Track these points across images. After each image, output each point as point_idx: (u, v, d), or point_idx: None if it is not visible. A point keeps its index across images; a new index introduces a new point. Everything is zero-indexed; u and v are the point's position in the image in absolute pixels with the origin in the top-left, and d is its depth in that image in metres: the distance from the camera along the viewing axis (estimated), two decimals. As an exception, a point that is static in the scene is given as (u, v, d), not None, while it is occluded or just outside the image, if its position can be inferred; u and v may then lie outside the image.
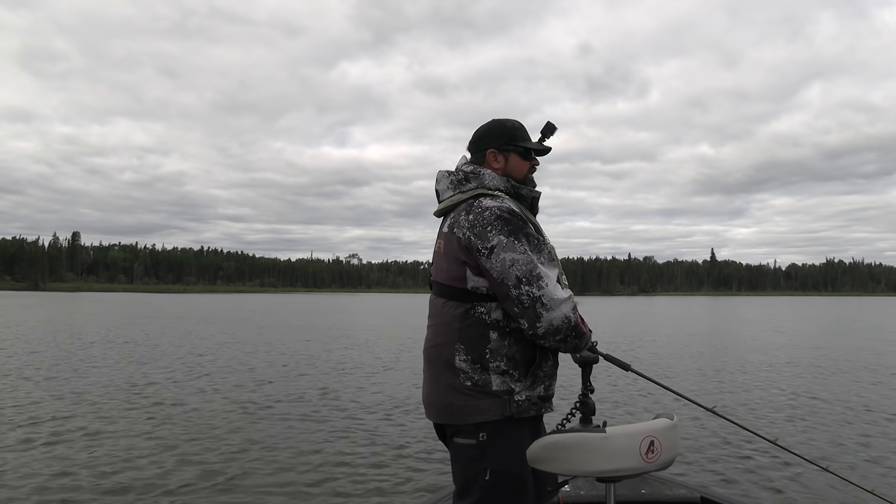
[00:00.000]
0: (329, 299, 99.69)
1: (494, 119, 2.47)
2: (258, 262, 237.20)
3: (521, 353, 2.21)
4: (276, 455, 6.60)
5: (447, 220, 2.36)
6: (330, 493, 5.49)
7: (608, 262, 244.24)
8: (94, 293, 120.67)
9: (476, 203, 2.25)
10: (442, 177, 2.43)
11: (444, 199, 2.40)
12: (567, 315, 2.14)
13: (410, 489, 5.61)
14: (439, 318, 2.31)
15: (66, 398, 9.54)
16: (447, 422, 2.27)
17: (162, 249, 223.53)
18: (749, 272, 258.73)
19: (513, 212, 2.21)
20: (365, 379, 11.99)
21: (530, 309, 2.11)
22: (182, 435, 7.33)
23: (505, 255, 2.14)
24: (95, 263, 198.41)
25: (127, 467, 6.03)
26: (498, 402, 2.18)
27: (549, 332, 2.13)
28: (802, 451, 4.62)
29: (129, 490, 5.40)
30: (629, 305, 75.10)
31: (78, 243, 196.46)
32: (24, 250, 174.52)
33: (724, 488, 5.47)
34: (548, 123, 2.46)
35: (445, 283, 2.29)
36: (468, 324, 2.21)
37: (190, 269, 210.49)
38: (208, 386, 10.93)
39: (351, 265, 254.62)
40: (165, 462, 6.24)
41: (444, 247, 2.31)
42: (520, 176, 2.41)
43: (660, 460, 2.09)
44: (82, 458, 6.29)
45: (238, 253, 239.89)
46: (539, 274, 2.13)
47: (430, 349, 2.34)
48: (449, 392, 2.23)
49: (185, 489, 5.46)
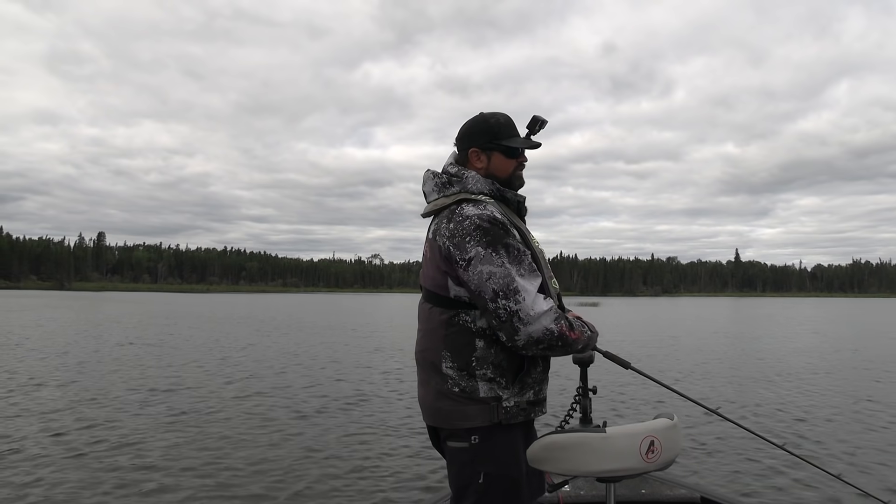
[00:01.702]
0: (354, 299, 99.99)
1: (480, 113, 2.36)
2: (281, 263, 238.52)
3: (508, 360, 2.17)
4: (282, 452, 6.69)
5: (432, 224, 2.32)
6: (325, 494, 5.52)
7: (631, 263, 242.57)
8: (118, 293, 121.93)
9: (458, 210, 2.19)
10: (428, 178, 2.37)
11: (429, 201, 2.36)
12: (547, 327, 2.06)
13: (409, 488, 5.65)
14: (427, 323, 2.28)
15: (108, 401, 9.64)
16: (438, 425, 2.26)
17: (186, 249, 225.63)
18: (774, 273, 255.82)
19: (493, 220, 2.13)
20: (392, 381, 12.01)
21: (507, 323, 2.06)
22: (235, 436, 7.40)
23: (482, 267, 2.08)
24: (120, 263, 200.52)
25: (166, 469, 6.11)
26: (486, 408, 2.15)
27: (529, 343, 2.08)
28: (817, 461, 4.58)
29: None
30: (652, 306, 74.56)
31: (103, 243, 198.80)
32: (49, 250, 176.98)
33: (724, 488, 5.42)
34: (534, 117, 2.33)
35: (430, 290, 2.27)
36: (454, 331, 2.19)
37: (213, 269, 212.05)
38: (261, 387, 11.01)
39: (373, 265, 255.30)
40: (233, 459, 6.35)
41: (429, 253, 2.28)
42: (504, 175, 2.33)
43: (660, 460, 2.10)
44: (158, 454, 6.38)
45: (261, 253, 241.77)
46: (516, 288, 2.06)
47: (418, 353, 2.32)
48: (438, 397, 2.21)
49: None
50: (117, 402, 9.26)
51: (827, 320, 40.47)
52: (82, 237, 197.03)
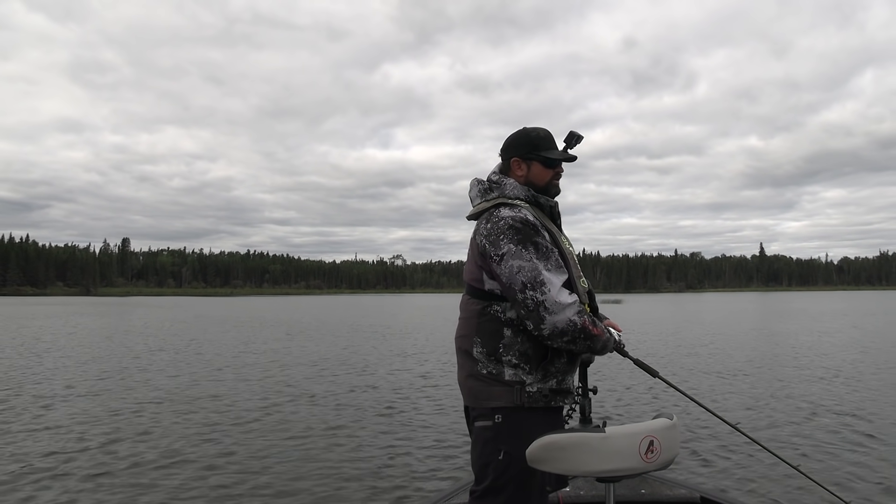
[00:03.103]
0: (378, 300, 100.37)
1: (524, 127, 2.64)
2: (303, 265, 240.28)
3: (532, 349, 2.37)
4: (306, 443, 6.77)
5: (475, 226, 2.58)
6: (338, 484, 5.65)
7: (654, 259, 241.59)
8: (143, 297, 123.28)
9: (495, 212, 2.44)
10: (473, 185, 2.64)
11: (474, 205, 2.62)
12: (570, 318, 2.26)
13: (434, 477, 5.78)
14: (464, 312, 2.53)
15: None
16: (469, 403, 2.49)
17: (209, 253, 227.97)
18: (800, 267, 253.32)
19: (525, 221, 2.37)
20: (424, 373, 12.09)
21: (534, 312, 2.27)
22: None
23: (513, 262, 2.31)
24: (145, 268, 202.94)
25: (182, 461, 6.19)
26: (510, 390, 2.35)
27: (553, 333, 2.27)
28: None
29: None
30: (678, 302, 74.07)
31: (128, 249, 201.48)
32: (75, 257, 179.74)
33: (724, 488, 5.37)
34: (571, 132, 2.58)
35: (469, 283, 2.53)
36: (485, 319, 2.43)
37: (237, 273, 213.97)
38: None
39: (395, 266, 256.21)
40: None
41: (470, 251, 2.56)
42: (542, 184, 2.57)
43: (659, 460, 2.11)
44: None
45: (283, 256, 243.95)
46: (542, 280, 2.28)
47: (457, 339, 2.56)
48: (469, 378, 2.45)
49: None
50: (161, 409, 9.29)
51: (861, 313, 39.25)
52: (107, 243, 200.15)
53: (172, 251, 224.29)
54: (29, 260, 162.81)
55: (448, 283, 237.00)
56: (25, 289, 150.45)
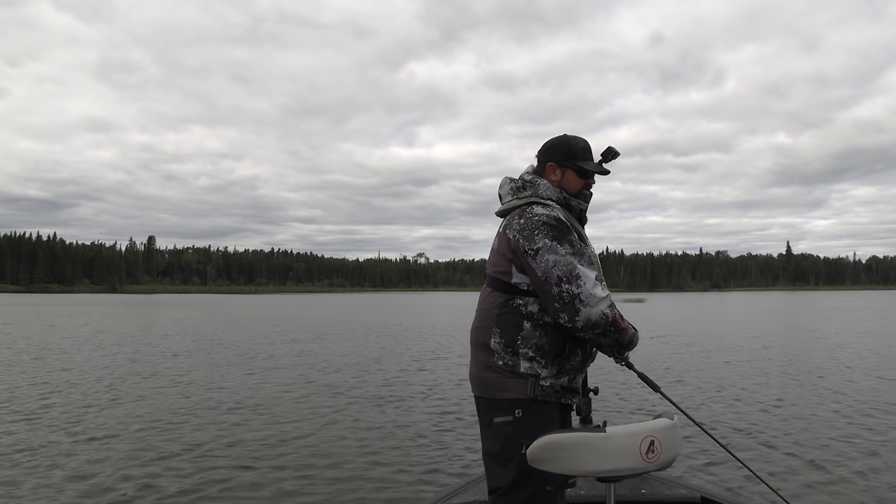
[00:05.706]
0: (403, 297, 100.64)
1: (564, 134, 2.71)
2: (327, 263, 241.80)
3: (549, 344, 2.44)
4: (317, 437, 6.82)
5: (504, 221, 2.63)
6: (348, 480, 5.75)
7: (679, 258, 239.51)
8: (169, 294, 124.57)
9: (528, 209, 2.51)
10: (504, 182, 2.70)
11: (504, 202, 2.68)
12: (604, 312, 2.35)
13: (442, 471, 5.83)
14: (484, 304, 2.59)
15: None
16: (482, 395, 2.53)
17: (234, 252, 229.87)
18: (827, 266, 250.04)
19: (559, 220, 2.45)
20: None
21: (570, 304, 2.34)
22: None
23: (548, 256, 2.39)
24: (170, 266, 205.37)
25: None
26: (524, 382, 2.41)
27: (587, 325, 2.35)
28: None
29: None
30: (701, 302, 73.44)
31: (153, 247, 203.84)
32: (101, 255, 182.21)
33: (724, 488, 5.32)
34: (609, 148, 2.63)
35: (494, 276, 2.57)
36: (506, 311, 2.48)
37: (261, 271, 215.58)
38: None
39: (418, 264, 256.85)
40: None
41: (497, 245, 2.60)
42: (573, 191, 2.64)
43: (660, 460, 2.12)
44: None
45: (307, 254, 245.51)
46: (578, 274, 2.36)
47: (473, 330, 2.62)
48: (484, 369, 2.50)
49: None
50: (200, 404, 9.40)
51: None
52: (133, 241, 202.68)
53: (197, 249, 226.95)
54: (56, 258, 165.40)
55: (471, 281, 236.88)
56: (52, 286, 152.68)
